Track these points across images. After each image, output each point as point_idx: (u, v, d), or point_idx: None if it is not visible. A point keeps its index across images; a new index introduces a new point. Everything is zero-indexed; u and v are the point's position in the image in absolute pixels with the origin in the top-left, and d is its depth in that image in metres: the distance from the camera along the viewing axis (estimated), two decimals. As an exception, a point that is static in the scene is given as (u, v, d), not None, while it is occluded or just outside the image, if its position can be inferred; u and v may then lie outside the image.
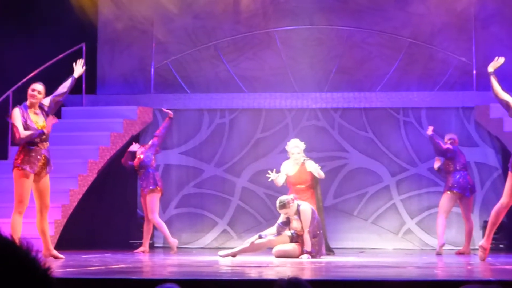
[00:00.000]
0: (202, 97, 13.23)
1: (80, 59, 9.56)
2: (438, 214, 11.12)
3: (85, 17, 13.46)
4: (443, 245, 10.88)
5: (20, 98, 12.15)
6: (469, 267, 8.39)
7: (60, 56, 12.69)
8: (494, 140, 12.59)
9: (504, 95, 8.77)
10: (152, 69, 13.49)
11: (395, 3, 13.34)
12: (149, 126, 13.11)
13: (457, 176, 10.95)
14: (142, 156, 11.17)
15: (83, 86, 13.01)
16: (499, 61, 8.95)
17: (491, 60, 13.05)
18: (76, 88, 13.04)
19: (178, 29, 13.62)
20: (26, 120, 8.90)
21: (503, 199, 8.81)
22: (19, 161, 8.92)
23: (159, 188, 11.14)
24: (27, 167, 8.90)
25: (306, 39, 13.37)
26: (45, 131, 9.00)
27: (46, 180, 9.10)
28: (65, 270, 7.50)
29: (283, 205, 9.61)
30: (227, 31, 13.54)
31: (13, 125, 8.95)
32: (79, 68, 9.48)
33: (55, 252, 9.22)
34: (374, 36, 13.31)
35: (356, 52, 13.33)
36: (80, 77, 12.89)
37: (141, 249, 11.16)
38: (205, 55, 13.56)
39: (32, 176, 8.94)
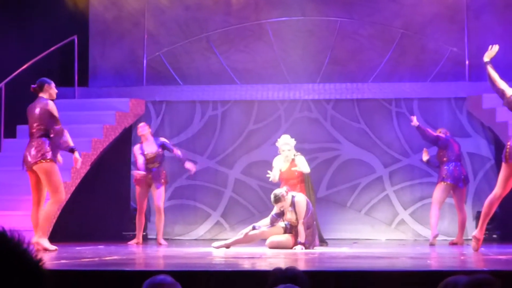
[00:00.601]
0: (194, 89, 13.23)
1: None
2: (431, 205, 11.13)
3: (76, 9, 13.43)
4: (436, 235, 10.90)
5: (13, 90, 12.15)
6: (462, 258, 8.41)
7: (52, 48, 12.68)
8: (487, 130, 12.60)
9: (501, 83, 8.78)
10: (144, 61, 13.47)
11: (387, -6, 13.34)
12: (142, 118, 13.09)
13: (451, 167, 10.97)
14: (160, 150, 11.13)
15: (75, 78, 13.00)
16: (493, 49, 8.96)
17: (483, 50, 13.05)
18: (68, 81, 13.07)
19: (170, 21, 13.60)
20: None
21: (496, 190, 8.81)
22: (50, 154, 8.98)
23: (167, 181, 11.39)
24: (55, 159, 9.09)
25: (298, 30, 13.37)
26: None
27: None
28: (58, 262, 7.50)
29: (278, 199, 9.62)
30: (219, 22, 13.52)
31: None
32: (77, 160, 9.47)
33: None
34: (365, 27, 13.32)
35: (348, 43, 13.33)
36: (72, 69, 12.96)
37: (134, 241, 11.16)
38: (197, 47, 13.55)
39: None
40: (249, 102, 13.14)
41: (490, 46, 9.03)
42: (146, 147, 11.17)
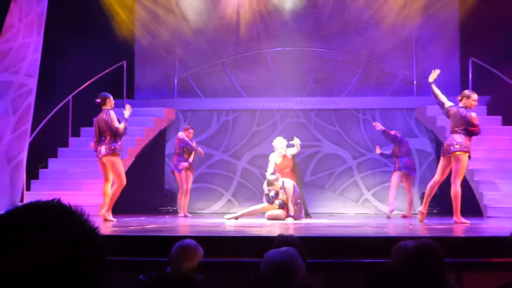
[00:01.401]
0: (212, 101, 13.21)
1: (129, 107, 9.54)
2: (390, 187, 11.12)
3: (125, 41, 13.44)
4: (392, 210, 10.89)
5: (78, 101, 12.17)
6: (410, 227, 8.40)
7: (108, 70, 12.71)
8: (429, 132, 12.59)
9: (442, 97, 8.81)
10: (175, 80, 13.46)
11: (356, 30, 13.31)
12: (173, 122, 13.10)
13: (404, 160, 10.95)
14: (194, 144, 11.15)
15: (124, 92, 12.99)
16: (435, 72, 8.96)
17: (427, 73, 13.10)
18: (119, 94, 13.06)
19: (194, 50, 13.59)
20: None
21: (436, 177, 8.81)
22: (117, 149, 9.10)
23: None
24: (120, 154, 9.29)
25: (289, 57, 13.35)
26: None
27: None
28: (112, 229, 7.51)
29: (270, 183, 9.69)
30: (231, 51, 13.51)
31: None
32: (127, 112, 9.48)
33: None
34: (340, 55, 13.29)
35: (327, 67, 13.31)
36: (122, 85, 12.97)
37: (181, 214, 11.09)
38: (214, 69, 13.54)
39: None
40: (253, 111, 13.13)
41: (433, 70, 9.03)
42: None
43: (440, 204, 12.05)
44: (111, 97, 9.46)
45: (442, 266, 2.62)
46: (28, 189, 11.19)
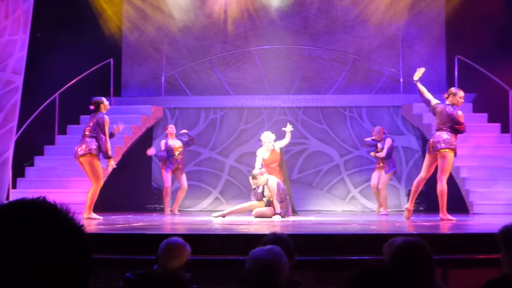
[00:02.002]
0: (199, 99, 13.19)
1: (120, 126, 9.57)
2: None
3: (112, 38, 13.39)
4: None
5: (64, 98, 12.11)
6: (397, 224, 8.42)
7: (94, 67, 12.66)
8: (416, 130, 12.63)
9: (428, 95, 8.85)
10: (163, 78, 13.42)
11: (343, 28, 13.32)
12: (160, 120, 13.06)
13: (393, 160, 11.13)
14: (182, 145, 11.13)
15: (111, 90, 12.95)
16: (420, 71, 9.00)
17: (413, 71, 13.12)
18: (106, 92, 13.02)
19: (182, 48, 13.55)
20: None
21: (422, 174, 8.85)
22: (95, 150, 9.07)
23: None
24: (98, 155, 9.20)
25: (277, 55, 13.35)
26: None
27: None
28: (98, 227, 7.48)
29: (254, 177, 9.73)
30: (218, 49, 13.49)
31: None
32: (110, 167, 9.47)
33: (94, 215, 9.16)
34: (327, 53, 13.31)
35: (314, 65, 13.32)
36: (108, 83, 12.92)
37: (168, 211, 11.10)
38: (202, 67, 13.51)
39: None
40: (241, 109, 13.12)
41: (418, 69, 9.07)
42: (170, 141, 11.15)
43: (426, 201, 12.09)
44: (105, 100, 9.44)
45: (430, 264, 2.62)
46: (14, 187, 11.14)
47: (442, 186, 8.60)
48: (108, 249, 5.68)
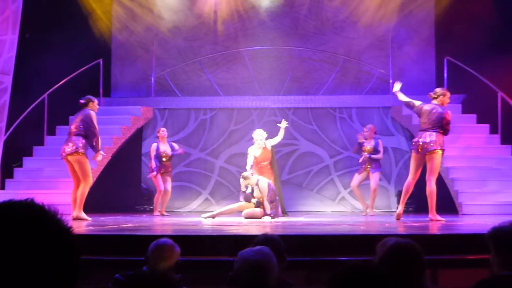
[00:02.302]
0: (189, 99, 13.17)
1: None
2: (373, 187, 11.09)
3: (102, 38, 13.36)
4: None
5: (53, 99, 12.06)
6: (387, 225, 8.43)
7: (84, 68, 12.62)
8: (405, 130, 12.66)
9: (409, 100, 8.92)
10: (152, 78, 13.39)
11: (332, 29, 13.34)
12: (150, 121, 13.04)
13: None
14: (171, 151, 11.13)
15: (101, 90, 12.91)
16: (397, 85, 9.09)
17: (403, 72, 13.20)
18: (95, 92, 12.97)
19: (172, 49, 13.53)
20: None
21: (410, 177, 8.87)
22: (83, 149, 9.01)
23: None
24: (86, 153, 9.14)
25: (267, 56, 13.35)
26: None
27: None
28: (87, 228, 7.45)
29: (245, 177, 9.71)
30: (208, 50, 13.47)
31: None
32: (99, 157, 9.37)
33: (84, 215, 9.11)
34: (317, 54, 13.32)
35: (304, 65, 13.33)
36: (98, 83, 12.87)
37: (157, 213, 11.11)
38: (192, 68, 13.50)
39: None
40: (230, 110, 13.11)
41: (396, 82, 9.20)
42: (161, 146, 11.13)
43: (416, 201, 12.11)
44: (96, 102, 9.42)
45: (420, 266, 2.63)
46: (2, 188, 11.09)
47: (431, 187, 8.61)
48: (98, 250, 5.66)
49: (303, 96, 13.00)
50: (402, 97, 8.94)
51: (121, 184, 12.59)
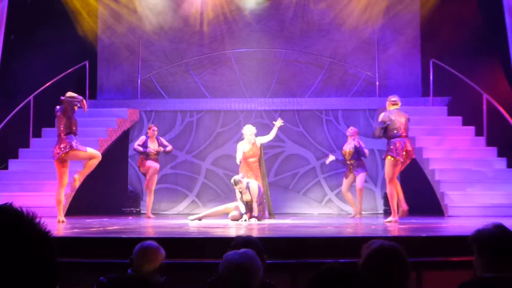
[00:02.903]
0: (176, 102, 13.15)
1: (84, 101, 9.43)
2: (360, 190, 11.10)
3: (88, 41, 13.31)
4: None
5: (39, 101, 11.99)
6: (373, 227, 8.46)
7: (70, 70, 12.57)
8: (392, 133, 12.67)
9: (378, 127, 9.01)
10: (139, 81, 13.36)
11: (318, 32, 13.37)
12: (136, 123, 13.01)
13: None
14: (160, 148, 11.05)
15: (87, 93, 12.85)
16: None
17: (389, 74, 13.26)
18: (81, 94, 12.90)
19: (158, 51, 13.51)
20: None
21: (393, 182, 8.94)
22: (75, 144, 9.08)
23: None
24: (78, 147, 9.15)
25: (253, 58, 13.35)
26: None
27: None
28: (72, 231, 7.42)
29: (236, 182, 9.65)
30: (195, 52, 13.46)
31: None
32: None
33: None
34: (303, 56, 13.34)
35: (290, 68, 13.35)
36: (84, 86, 12.82)
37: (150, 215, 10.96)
38: (178, 70, 13.48)
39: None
40: (217, 112, 13.10)
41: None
42: (150, 143, 11.08)
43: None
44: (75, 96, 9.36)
45: (404, 271, 2.62)
46: (-12, 190, 11.00)
47: (396, 189, 8.91)
48: (83, 252, 5.64)
49: (290, 99, 13.01)
50: (378, 132, 9.05)
51: (108, 186, 12.55)
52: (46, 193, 10.79)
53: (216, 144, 13.09)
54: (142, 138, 11.16)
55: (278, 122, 10.57)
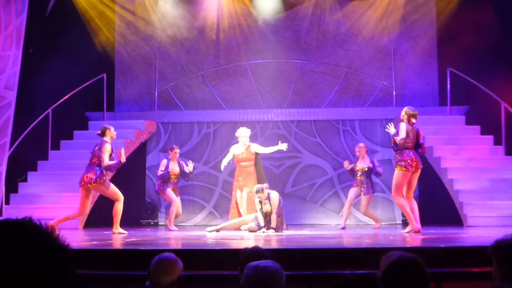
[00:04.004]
0: (193, 113, 13.18)
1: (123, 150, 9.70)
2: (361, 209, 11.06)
3: (106, 53, 13.42)
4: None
5: (58, 113, 12.09)
6: (391, 238, 8.41)
7: (88, 83, 12.69)
8: (409, 143, 12.61)
9: (400, 136, 9.03)
10: (156, 92, 13.43)
11: (334, 42, 13.37)
12: (154, 135, 13.05)
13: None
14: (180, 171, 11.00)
15: (105, 105, 12.94)
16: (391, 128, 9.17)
17: (406, 83, 13.22)
18: (99, 107, 13.04)
19: (175, 63, 13.58)
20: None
21: (402, 196, 8.97)
22: (100, 177, 9.45)
23: None
24: (103, 181, 9.55)
25: (269, 69, 13.38)
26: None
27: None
28: (91, 243, 7.44)
29: (258, 191, 9.58)
30: (211, 63, 13.51)
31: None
32: (123, 157, 9.64)
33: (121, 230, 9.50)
34: (320, 66, 13.34)
35: (307, 78, 13.35)
36: (102, 98, 12.92)
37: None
38: (195, 81, 13.53)
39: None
40: (234, 123, 13.11)
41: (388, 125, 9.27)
42: (172, 165, 10.96)
43: (420, 213, 12.05)
44: (112, 129, 9.57)
45: (424, 283, 2.61)
46: (7, 202, 11.09)
47: (413, 202, 8.91)
48: (102, 264, 5.65)
49: (306, 109, 13.00)
50: (396, 138, 9.09)
51: (126, 198, 12.54)
52: (64, 205, 10.85)
53: (233, 155, 13.08)
54: (164, 163, 11.00)
55: (282, 146, 10.36)
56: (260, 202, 9.65)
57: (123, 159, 9.60)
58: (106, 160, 9.39)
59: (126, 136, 12.41)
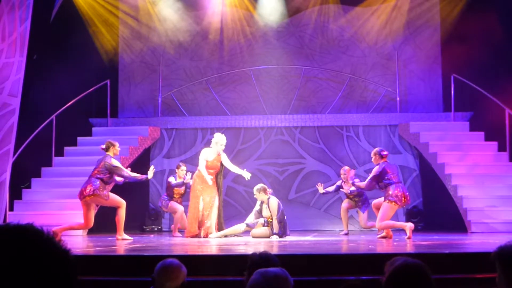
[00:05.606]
0: (196, 119, 13.19)
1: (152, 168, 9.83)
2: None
3: (109, 60, 13.44)
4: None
5: (62, 120, 12.11)
6: (395, 244, 8.39)
7: (91, 89, 12.71)
8: (413, 149, 12.62)
9: (370, 181, 9.19)
10: (159, 99, 13.44)
11: (338, 48, 13.38)
12: (157, 141, 13.06)
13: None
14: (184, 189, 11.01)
15: (108, 111, 12.96)
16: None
17: (410, 89, 13.21)
18: (103, 113, 13.05)
19: (178, 69, 13.60)
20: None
21: (379, 223, 9.20)
22: (99, 190, 9.40)
23: None
24: (101, 193, 9.50)
25: (273, 75, 13.39)
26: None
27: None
28: (95, 249, 7.44)
29: (259, 190, 9.62)
30: (215, 69, 13.53)
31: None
32: (151, 173, 9.74)
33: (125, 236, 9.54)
34: (323, 72, 13.35)
35: (311, 84, 13.35)
36: (106, 105, 12.94)
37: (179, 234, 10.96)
38: (199, 87, 13.54)
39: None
40: (237, 129, 13.12)
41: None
42: (178, 184, 10.96)
43: (424, 220, 12.05)
44: (116, 145, 9.57)
45: (428, 286, 2.60)
46: (11, 209, 11.10)
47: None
48: (105, 271, 5.65)
49: (310, 115, 13.00)
50: (360, 184, 9.41)
51: (129, 204, 12.55)
52: (68, 212, 10.86)
53: (236, 161, 13.06)
54: (171, 180, 11.03)
55: (246, 174, 10.02)
56: (262, 203, 9.69)
57: (151, 176, 9.63)
58: (128, 172, 9.38)
59: (129, 142, 12.42)
